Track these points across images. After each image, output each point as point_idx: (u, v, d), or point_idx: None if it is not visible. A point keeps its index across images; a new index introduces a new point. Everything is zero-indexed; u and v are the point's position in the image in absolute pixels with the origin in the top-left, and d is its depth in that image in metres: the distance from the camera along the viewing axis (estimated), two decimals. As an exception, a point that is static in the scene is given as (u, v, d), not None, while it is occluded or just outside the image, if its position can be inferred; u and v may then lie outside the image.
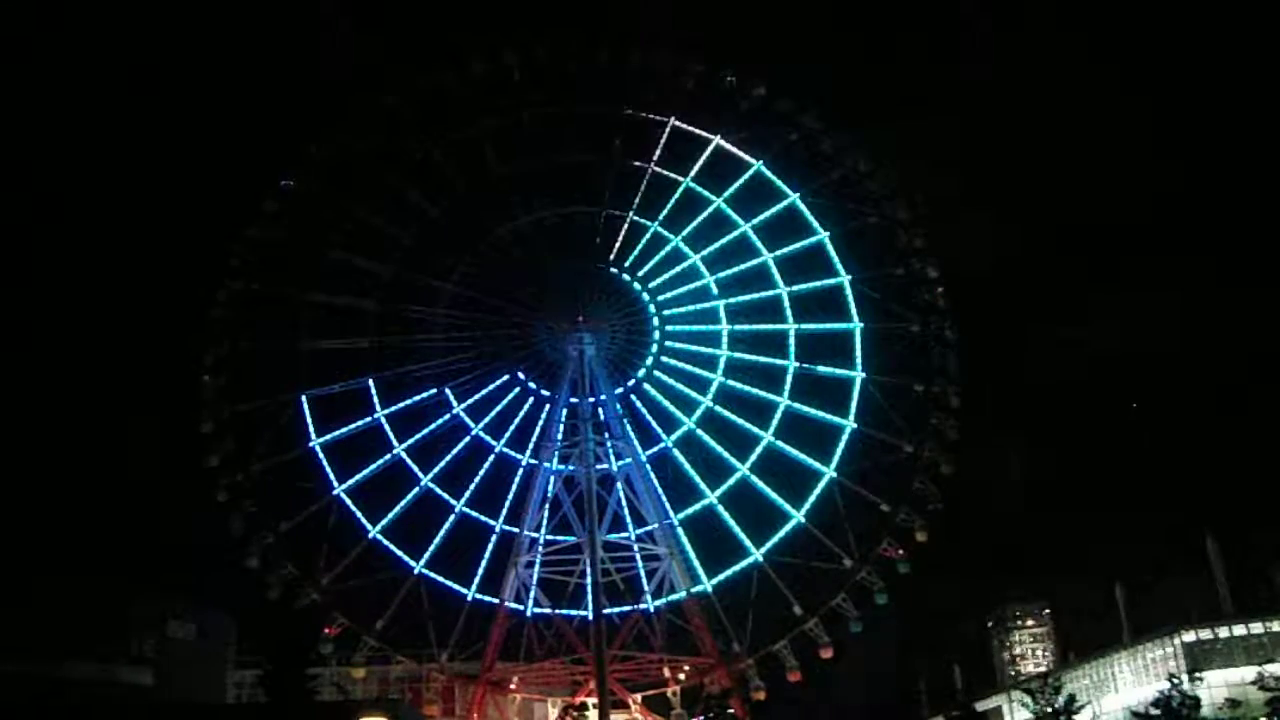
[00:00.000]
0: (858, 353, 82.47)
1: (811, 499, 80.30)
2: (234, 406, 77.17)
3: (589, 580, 75.91)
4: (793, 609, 78.99)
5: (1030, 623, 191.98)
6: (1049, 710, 74.98)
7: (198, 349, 77.64)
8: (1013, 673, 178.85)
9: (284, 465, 77.52)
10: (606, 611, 76.43)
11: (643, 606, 79.94)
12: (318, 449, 78.26)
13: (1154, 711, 75.09)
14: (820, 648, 78.65)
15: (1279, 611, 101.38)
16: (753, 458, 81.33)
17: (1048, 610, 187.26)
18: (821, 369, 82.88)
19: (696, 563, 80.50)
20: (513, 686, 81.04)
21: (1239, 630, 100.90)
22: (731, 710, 72.35)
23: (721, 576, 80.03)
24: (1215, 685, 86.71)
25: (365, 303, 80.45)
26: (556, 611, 79.38)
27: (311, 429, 78.19)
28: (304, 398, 78.38)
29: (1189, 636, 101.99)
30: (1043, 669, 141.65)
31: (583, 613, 77.58)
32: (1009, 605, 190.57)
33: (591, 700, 72.76)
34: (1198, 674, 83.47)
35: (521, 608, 79.29)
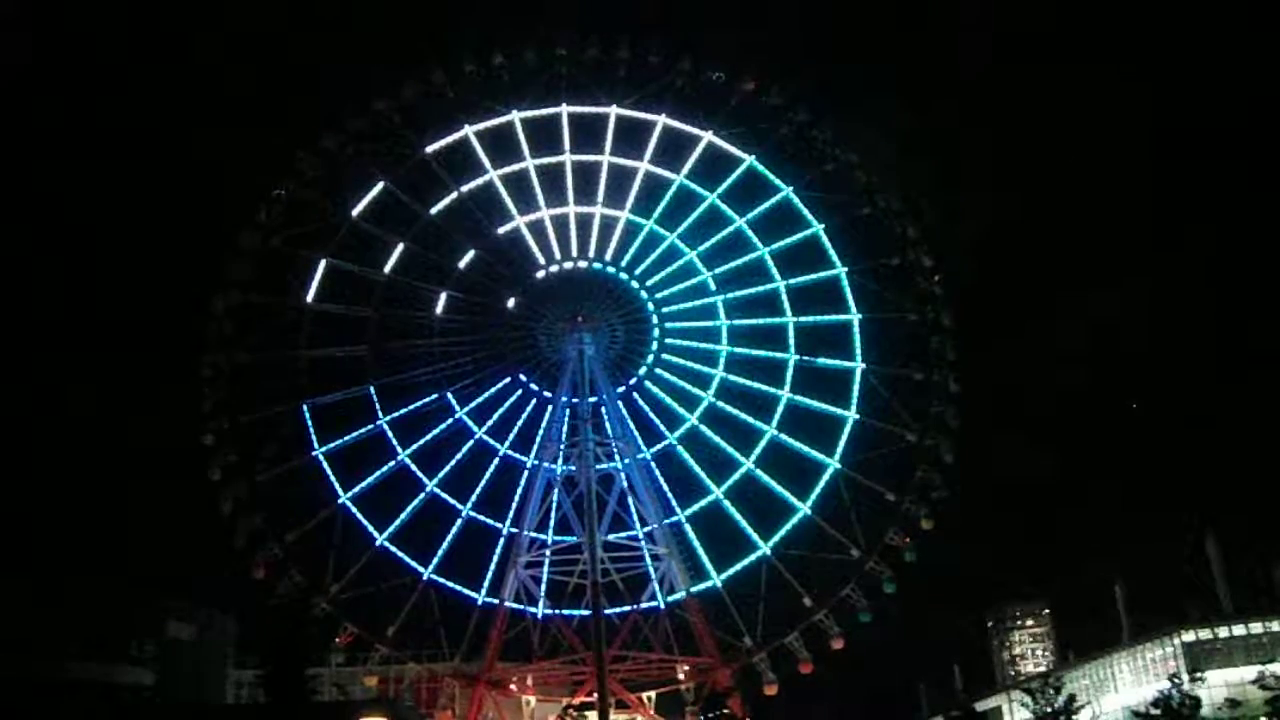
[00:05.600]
0: (857, 343, 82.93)
1: (817, 491, 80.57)
2: (234, 417, 76.63)
3: (590, 580, 75.51)
4: (802, 601, 78.92)
5: (1030, 623, 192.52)
6: (1049, 710, 74.78)
7: (196, 359, 77.12)
8: (1013, 673, 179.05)
9: (287, 475, 76.93)
10: (607, 611, 76.25)
11: (643, 606, 79.52)
12: (321, 458, 77.82)
13: (1154, 711, 74.95)
14: (831, 639, 78.50)
15: (1279, 611, 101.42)
16: (757, 452, 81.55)
17: (1048, 610, 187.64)
18: (821, 361, 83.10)
19: (705, 558, 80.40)
20: (512, 687, 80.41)
21: (1239, 630, 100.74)
22: (730, 710, 72.05)
23: (730, 571, 79.93)
24: (1215, 685, 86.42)
25: (363, 309, 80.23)
26: (560, 611, 79.07)
27: (314, 438, 77.83)
28: (305, 407, 77.93)
29: (1189, 636, 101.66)
30: (1043, 669, 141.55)
31: (588, 612, 77.05)
32: (1009, 605, 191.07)
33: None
34: (1198, 674, 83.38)
35: (522, 607, 78.85)
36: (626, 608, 79.53)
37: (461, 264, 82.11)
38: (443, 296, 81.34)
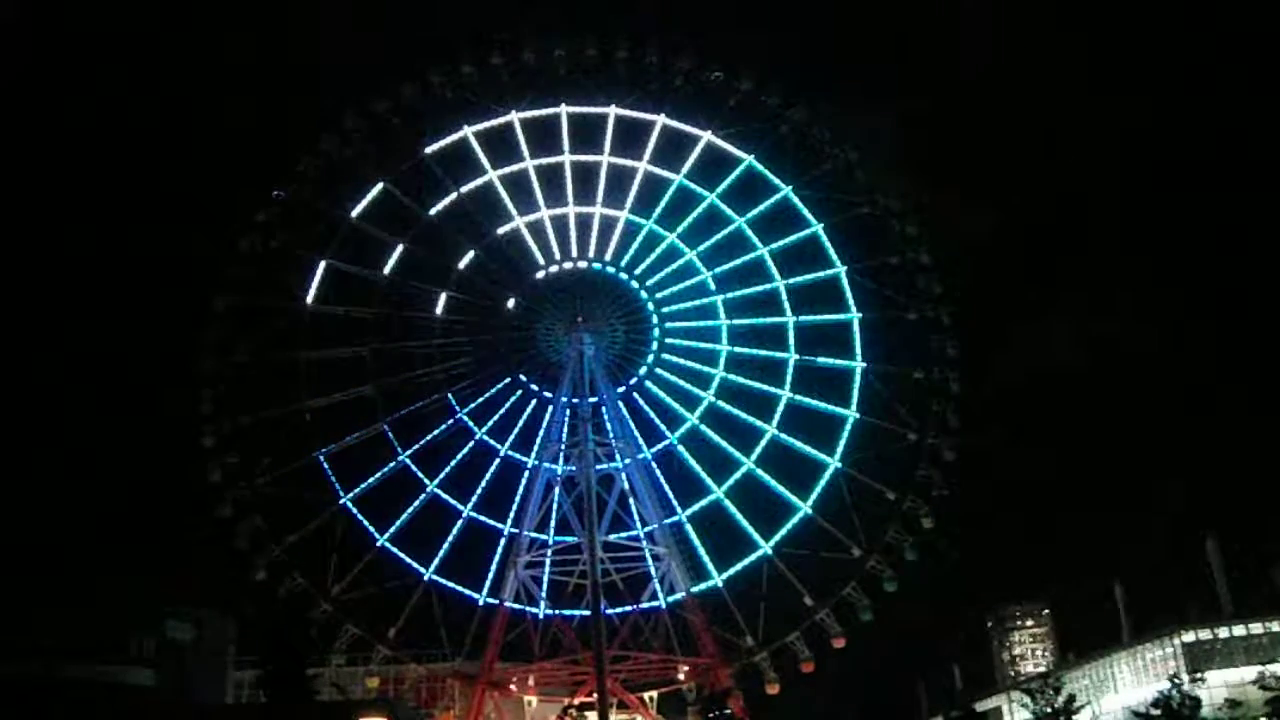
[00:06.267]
0: (857, 343, 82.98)
1: (817, 490, 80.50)
2: (235, 419, 76.52)
3: (589, 580, 75.47)
4: (804, 600, 78.93)
5: (1030, 623, 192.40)
6: (1049, 710, 74.80)
7: (196, 361, 77.05)
8: (1013, 673, 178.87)
9: (288, 476, 76.76)
10: (609, 612, 76.32)
11: (644, 605, 79.48)
12: (321, 459, 77.65)
13: (1154, 711, 74.94)
14: (832, 638, 78.48)
15: (1279, 611, 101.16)
16: (757, 451, 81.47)
17: (1048, 610, 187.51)
18: (821, 360, 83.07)
19: (706, 558, 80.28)
20: (513, 687, 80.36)
21: (1239, 630, 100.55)
22: (730, 710, 72.06)
23: (732, 571, 79.79)
24: (1215, 685, 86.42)
25: (363, 310, 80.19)
26: (561, 612, 79.17)
27: (314, 439, 77.67)
28: (305, 408, 77.78)
29: (1189, 636, 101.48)
30: (1043, 669, 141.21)
31: (588, 613, 76.95)
32: (1009, 605, 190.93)
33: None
34: (1198, 674, 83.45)
35: (522, 608, 78.72)
36: (627, 608, 79.49)
37: (461, 265, 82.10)
38: (442, 297, 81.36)
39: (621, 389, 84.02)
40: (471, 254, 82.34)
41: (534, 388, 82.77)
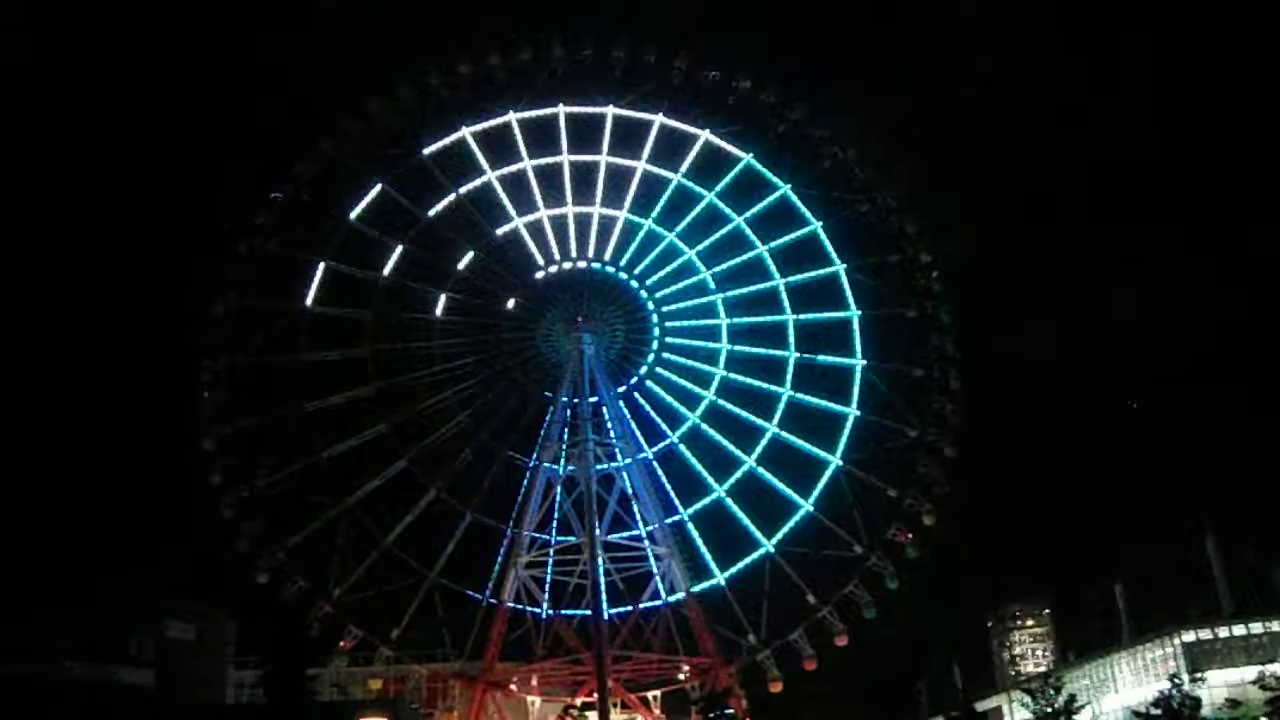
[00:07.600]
0: (857, 340, 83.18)
1: (819, 488, 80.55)
2: (235, 421, 76.31)
3: (590, 580, 75.45)
4: (806, 598, 78.82)
5: (1030, 623, 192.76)
6: (1049, 710, 75.16)
7: (196, 363, 76.86)
8: (1013, 673, 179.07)
9: (289, 479, 76.43)
10: (610, 612, 76.29)
11: (644, 605, 79.37)
12: (322, 461, 77.22)
13: (1154, 711, 75.31)
14: (834, 635, 78.37)
15: (1279, 611, 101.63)
16: (758, 450, 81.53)
17: (1048, 610, 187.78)
18: (822, 358, 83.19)
19: (708, 557, 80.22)
20: (513, 687, 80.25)
21: (1239, 630, 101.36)
22: (730, 710, 71.98)
23: (734, 569, 79.72)
24: (1215, 685, 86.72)
25: (362, 312, 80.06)
26: (563, 612, 79.15)
27: (315, 441, 77.23)
28: (306, 410, 77.44)
29: (1189, 636, 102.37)
30: (1043, 669, 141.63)
31: (589, 612, 76.84)
32: (1009, 605, 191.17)
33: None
34: (1198, 674, 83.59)
35: (523, 607, 78.63)
36: (628, 607, 79.35)
37: (460, 265, 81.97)
38: (442, 298, 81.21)
39: (622, 388, 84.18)
40: (471, 255, 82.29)
41: (534, 388, 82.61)
